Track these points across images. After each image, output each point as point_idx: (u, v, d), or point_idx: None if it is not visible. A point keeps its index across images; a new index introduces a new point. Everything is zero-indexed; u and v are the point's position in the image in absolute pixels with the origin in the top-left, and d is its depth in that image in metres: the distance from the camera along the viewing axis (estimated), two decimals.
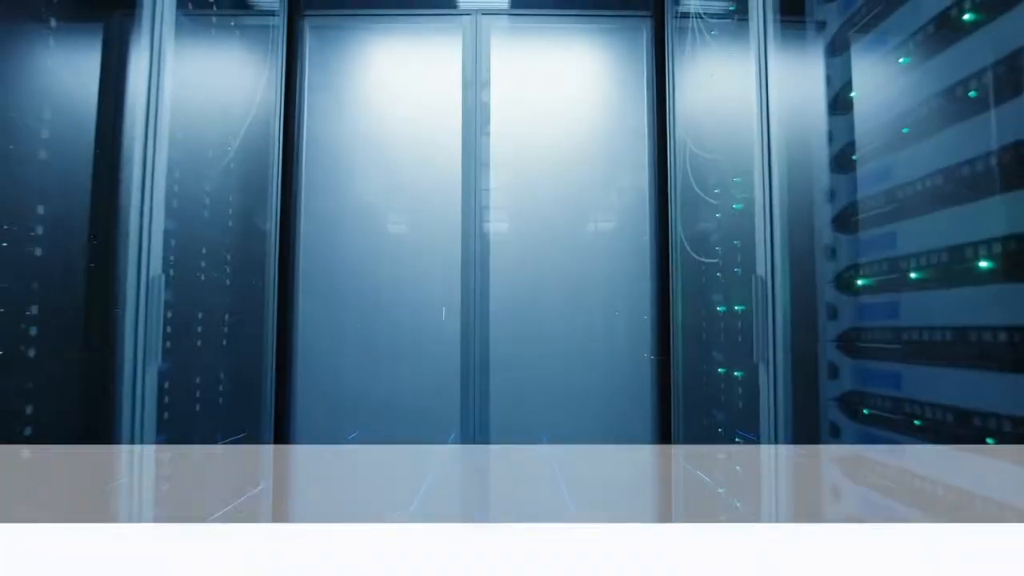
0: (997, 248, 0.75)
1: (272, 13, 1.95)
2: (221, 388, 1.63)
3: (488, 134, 2.10)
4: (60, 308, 1.07)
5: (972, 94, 0.80)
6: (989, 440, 0.77)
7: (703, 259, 1.78)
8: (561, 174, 2.10)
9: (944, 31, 0.86)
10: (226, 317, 1.65)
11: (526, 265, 2.06)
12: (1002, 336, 0.75)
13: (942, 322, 0.85)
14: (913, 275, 0.91)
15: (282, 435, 1.89)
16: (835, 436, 1.12)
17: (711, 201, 1.72)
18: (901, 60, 0.95)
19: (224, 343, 1.64)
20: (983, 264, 0.77)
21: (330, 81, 2.10)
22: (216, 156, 1.59)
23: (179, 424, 1.38)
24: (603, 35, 2.13)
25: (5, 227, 0.94)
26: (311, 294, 2.00)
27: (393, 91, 2.13)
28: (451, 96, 2.11)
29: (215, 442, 1.59)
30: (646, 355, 2.09)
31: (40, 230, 1.02)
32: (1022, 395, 0.72)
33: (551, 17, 2.11)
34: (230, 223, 1.67)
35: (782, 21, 1.30)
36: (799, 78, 1.28)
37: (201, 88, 1.50)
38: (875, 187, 1.00)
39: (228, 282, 1.66)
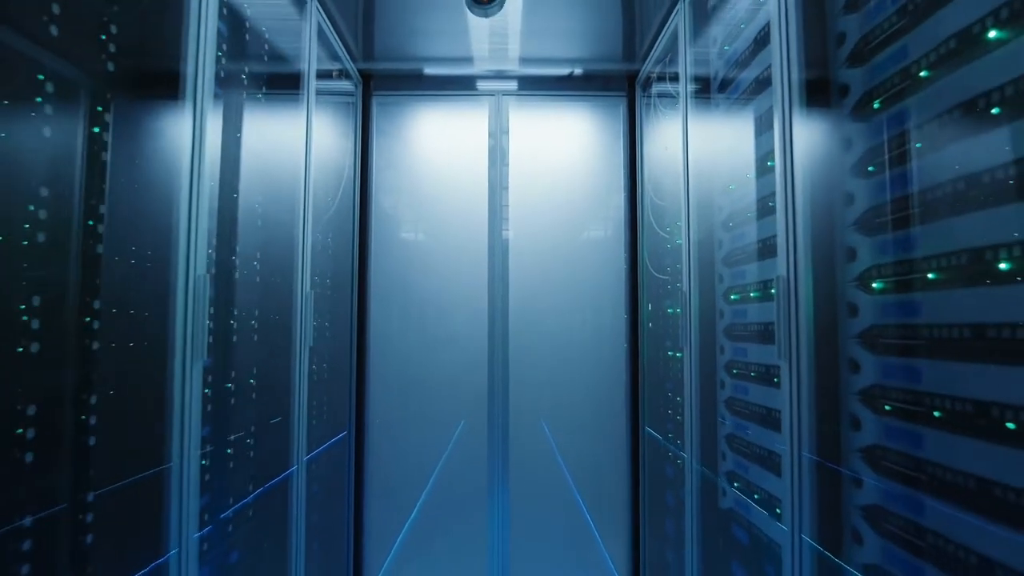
0: (772, 284, 1.49)
1: (351, 94, 2.70)
2: (326, 366, 2.37)
3: (507, 165, 2.85)
4: (277, 316, 1.81)
5: (772, 204, 1.54)
6: (776, 380, 1.51)
7: (659, 275, 2.53)
8: (559, 204, 2.85)
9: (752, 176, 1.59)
10: (328, 318, 2.39)
11: (534, 271, 2.80)
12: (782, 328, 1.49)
13: (759, 320, 1.59)
14: (752, 294, 1.66)
15: (361, 400, 2.64)
16: (722, 388, 1.86)
17: (663, 235, 2.47)
18: (749, 176, 1.69)
19: (327, 335, 2.39)
20: (772, 291, 1.52)
21: (391, 138, 2.85)
22: (325, 207, 2.33)
23: (312, 386, 2.13)
24: (590, 108, 2.88)
25: (255, 264, 1.68)
26: (378, 301, 2.76)
27: (437, 142, 2.88)
28: (479, 143, 2.86)
29: (323, 400, 2.33)
30: (625, 345, 2.83)
31: (258, 267, 1.75)
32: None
33: (551, 96, 2.85)
34: (330, 252, 2.42)
35: (697, 116, 2.03)
36: (710, 159, 2.02)
37: (317, 151, 2.24)
38: (738, 244, 1.75)
39: (329, 293, 2.40)
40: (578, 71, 2.79)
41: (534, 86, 2.84)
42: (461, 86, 2.83)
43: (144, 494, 1.17)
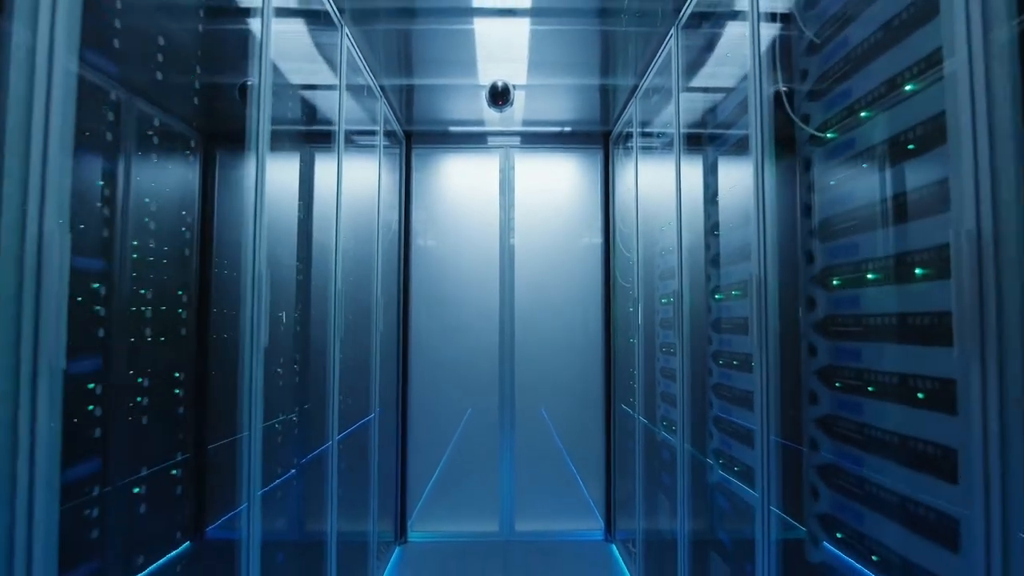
0: (672, 296, 2.42)
1: (398, 147, 3.63)
2: (380, 350, 3.30)
3: (513, 191, 3.78)
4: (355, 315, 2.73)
5: (672, 247, 2.46)
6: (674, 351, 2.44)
7: (624, 284, 3.45)
8: (553, 225, 3.78)
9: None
10: (385, 315, 3.32)
11: (533, 271, 3.73)
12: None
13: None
14: (671, 300, 2.58)
15: (406, 375, 3.58)
16: (657, 361, 2.79)
17: (627, 255, 3.39)
18: (662, 227, 2.61)
19: (382, 328, 3.31)
20: (664, 301, 2.44)
21: (425, 175, 3.77)
22: (386, 232, 3.26)
23: (382, 363, 3.06)
24: (576, 156, 3.81)
25: (351, 279, 2.61)
26: (419, 300, 3.69)
27: (459, 179, 3.81)
28: (492, 178, 3.78)
29: (383, 375, 3.26)
30: (601, 336, 3.76)
31: (352, 280, 2.67)
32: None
33: (546, 148, 3.78)
34: (386, 266, 3.34)
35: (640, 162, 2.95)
36: (652, 206, 2.93)
37: (383, 189, 3.16)
38: (665, 265, 2.67)
39: (384, 300, 3.33)
40: (567, 129, 3.72)
41: (534, 140, 3.77)
42: (477, 141, 3.77)
43: (316, 420, 2.10)
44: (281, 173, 1.87)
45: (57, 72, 0.81)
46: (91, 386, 0.99)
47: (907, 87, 1.08)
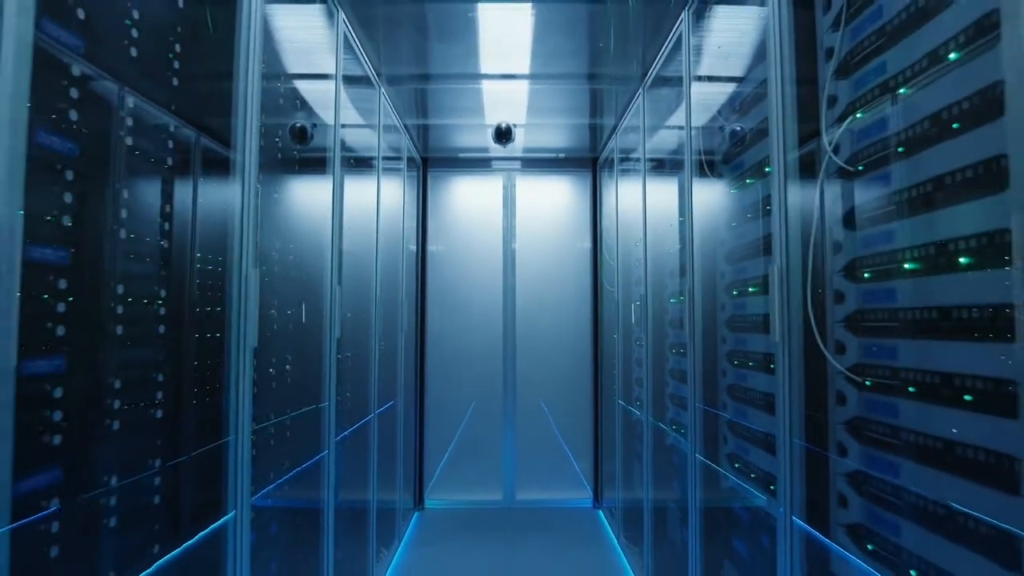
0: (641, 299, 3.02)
1: (417, 170, 4.24)
2: (404, 345, 3.91)
3: (515, 207, 4.39)
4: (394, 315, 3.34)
5: (641, 259, 3.06)
6: (642, 344, 3.05)
7: (609, 288, 4.06)
8: (550, 236, 4.39)
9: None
10: (406, 315, 3.94)
11: (532, 274, 4.35)
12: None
13: (640, 316, 3.12)
14: (636, 303, 3.18)
15: (423, 367, 4.20)
16: (634, 353, 3.39)
17: (611, 262, 3.99)
18: (635, 242, 3.22)
19: (405, 328, 3.93)
20: (637, 303, 3.04)
21: (439, 195, 4.39)
22: (408, 243, 3.87)
23: (406, 356, 3.67)
24: (568, 177, 4.42)
25: (385, 287, 3.23)
26: (434, 303, 4.31)
27: (468, 197, 4.42)
28: (496, 195, 4.39)
29: (405, 366, 3.87)
30: (590, 333, 4.37)
31: (384, 287, 3.29)
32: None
33: (543, 171, 4.39)
34: (408, 272, 3.96)
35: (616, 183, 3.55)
36: (629, 224, 3.53)
37: (406, 206, 3.77)
38: (636, 274, 3.27)
39: (407, 303, 3.95)
40: (561, 155, 4.33)
41: (532, 165, 4.39)
42: (483, 165, 4.38)
43: (361, 396, 2.71)
44: (328, 195, 2.48)
45: (252, 180, 1.43)
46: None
47: (767, 168, 1.69)
